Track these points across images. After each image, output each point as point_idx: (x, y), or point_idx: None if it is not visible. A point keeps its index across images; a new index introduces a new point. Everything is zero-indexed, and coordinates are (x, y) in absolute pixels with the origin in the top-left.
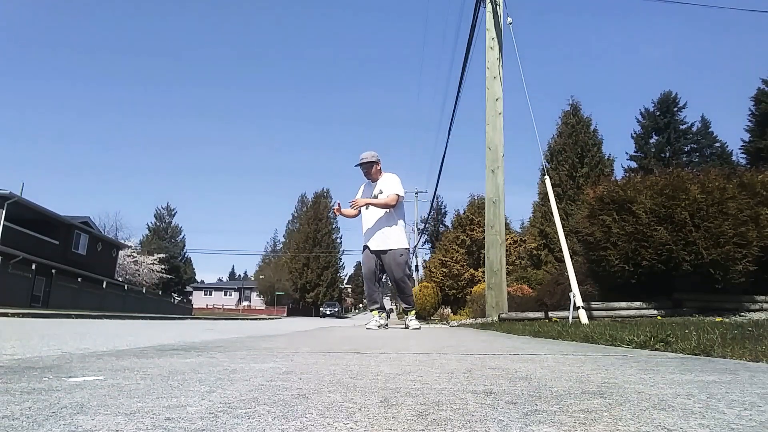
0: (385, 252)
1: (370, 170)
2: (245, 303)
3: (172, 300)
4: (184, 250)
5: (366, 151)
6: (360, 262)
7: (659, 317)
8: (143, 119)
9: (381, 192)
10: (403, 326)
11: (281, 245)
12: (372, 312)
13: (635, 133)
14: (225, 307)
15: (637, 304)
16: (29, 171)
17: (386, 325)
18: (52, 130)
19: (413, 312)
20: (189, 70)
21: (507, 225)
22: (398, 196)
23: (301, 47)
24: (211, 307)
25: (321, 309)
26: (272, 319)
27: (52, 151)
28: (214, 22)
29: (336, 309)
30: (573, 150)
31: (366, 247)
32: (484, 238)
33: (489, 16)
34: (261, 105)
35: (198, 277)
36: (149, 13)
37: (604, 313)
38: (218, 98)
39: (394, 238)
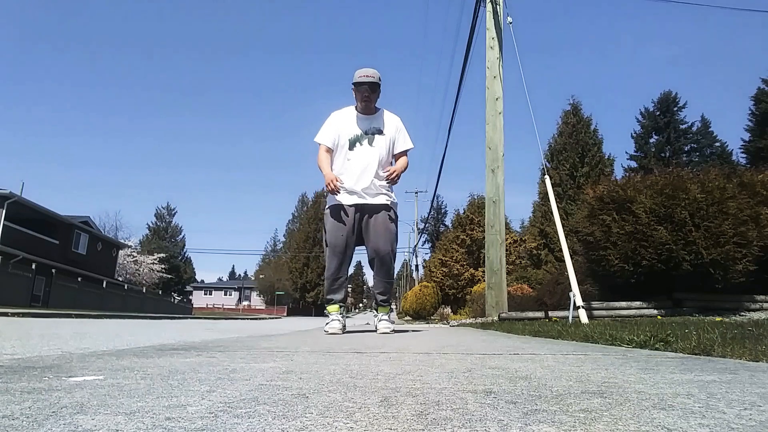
0: (372, 211)
1: (373, 95)
2: (245, 303)
3: (172, 300)
4: (184, 250)
5: (367, 68)
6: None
7: (659, 317)
8: (143, 119)
9: (382, 134)
10: (372, 329)
11: (281, 245)
12: (330, 307)
13: (635, 132)
14: (225, 306)
15: (637, 303)
16: (29, 170)
17: (345, 326)
18: (52, 129)
19: (388, 308)
20: (189, 69)
21: (507, 225)
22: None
23: (301, 46)
24: (211, 306)
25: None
26: (272, 318)
27: (53, 151)
28: (214, 20)
29: None
30: (573, 150)
31: (341, 206)
32: (484, 237)
33: (489, 15)
34: (262, 104)
35: (198, 277)
36: (149, 12)
37: (604, 312)
38: (219, 97)
39: (389, 195)
